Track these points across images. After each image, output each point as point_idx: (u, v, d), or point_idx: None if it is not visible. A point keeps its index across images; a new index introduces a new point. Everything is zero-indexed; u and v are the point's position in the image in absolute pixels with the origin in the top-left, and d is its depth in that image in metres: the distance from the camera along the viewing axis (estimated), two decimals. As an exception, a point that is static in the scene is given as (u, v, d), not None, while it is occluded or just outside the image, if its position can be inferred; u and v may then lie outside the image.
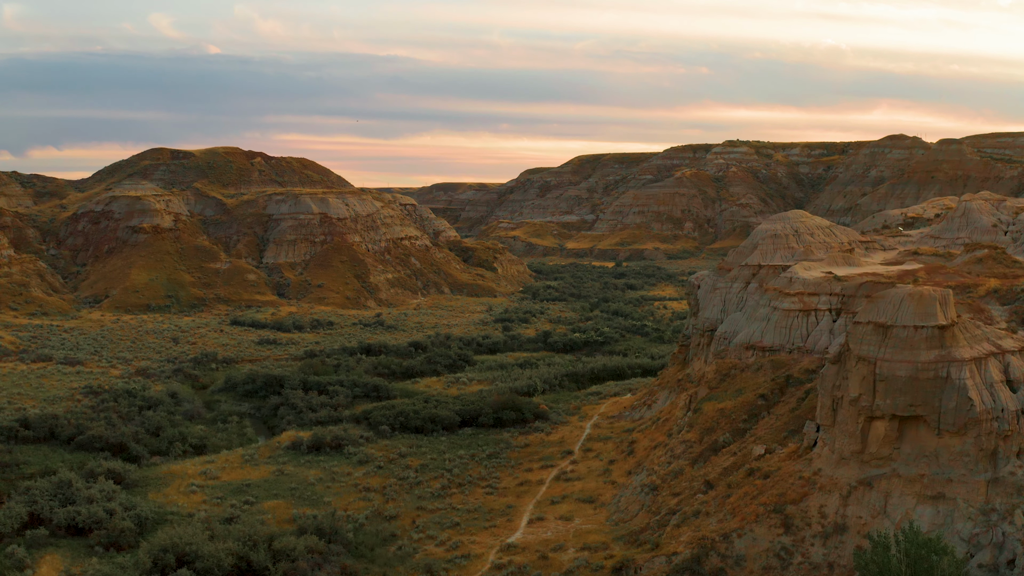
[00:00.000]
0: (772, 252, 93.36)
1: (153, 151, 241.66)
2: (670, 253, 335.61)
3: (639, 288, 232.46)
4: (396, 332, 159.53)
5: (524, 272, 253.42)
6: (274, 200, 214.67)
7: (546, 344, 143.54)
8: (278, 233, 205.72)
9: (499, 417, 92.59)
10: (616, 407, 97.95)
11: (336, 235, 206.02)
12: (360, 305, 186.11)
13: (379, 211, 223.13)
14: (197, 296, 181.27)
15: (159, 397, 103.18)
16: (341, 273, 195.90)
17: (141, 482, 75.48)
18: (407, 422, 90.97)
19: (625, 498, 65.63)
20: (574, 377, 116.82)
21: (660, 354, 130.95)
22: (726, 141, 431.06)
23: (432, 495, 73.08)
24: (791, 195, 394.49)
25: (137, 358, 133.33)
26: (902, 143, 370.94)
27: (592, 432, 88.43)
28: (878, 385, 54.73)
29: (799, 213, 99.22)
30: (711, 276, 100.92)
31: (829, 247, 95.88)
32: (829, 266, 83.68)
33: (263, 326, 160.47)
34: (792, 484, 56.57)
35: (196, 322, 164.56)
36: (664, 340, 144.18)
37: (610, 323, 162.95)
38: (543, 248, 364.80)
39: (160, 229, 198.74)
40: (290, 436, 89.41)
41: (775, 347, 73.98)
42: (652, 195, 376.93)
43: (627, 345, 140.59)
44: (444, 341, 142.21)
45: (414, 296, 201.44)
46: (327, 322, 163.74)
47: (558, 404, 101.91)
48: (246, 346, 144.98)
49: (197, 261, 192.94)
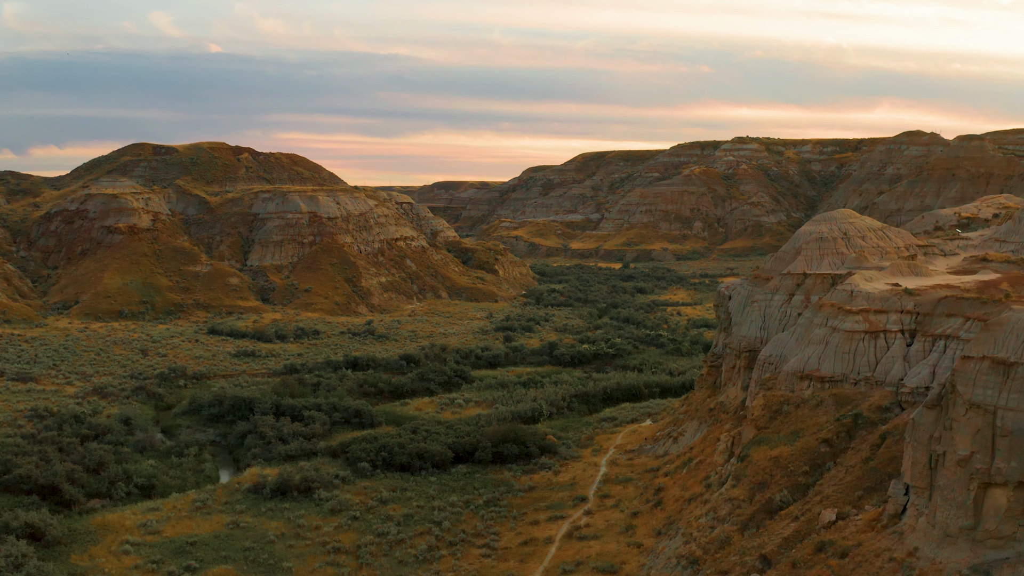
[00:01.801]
0: (819, 258, 79.84)
1: (135, 146, 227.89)
2: (679, 254, 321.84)
3: (649, 292, 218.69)
4: (387, 342, 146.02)
5: (527, 274, 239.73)
6: (260, 198, 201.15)
7: (552, 357, 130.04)
8: (264, 233, 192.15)
9: (499, 452, 79.10)
10: (635, 438, 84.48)
11: (326, 236, 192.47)
12: (350, 311, 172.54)
13: (372, 210, 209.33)
14: (174, 302, 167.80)
15: (109, 424, 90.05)
16: (330, 276, 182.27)
17: (66, 538, 62.83)
18: (391, 458, 77.57)
19: (656, 572, 52.12)
20: (584, 398, 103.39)
21: (680, 369, 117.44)
22: (735, 138, 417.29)
23: (417, 558, 59.83)
24: (803, 193, 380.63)
25: (98, 373, 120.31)
26: (919, 140, 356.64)
27: (609, 471, 74.97)
28: (998, 442, 41.94)
29: (846, 213, 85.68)
30: (745, 286, 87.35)
31: (884, 252, 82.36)
32: (893, 276, 70.14)
33: (243, 335, 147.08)
34: (881, 568, 43.36)
35: (171, 331, 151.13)
36: (682, 352, 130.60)
37: (621, 332, 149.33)
38: (546, 248, 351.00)
39: (137, 229, 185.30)
40: (253, 475, 76.30)
41: (836, 377, 60.45)
42: (660, 193, 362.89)
43: (641, 358, 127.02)
44: (439, 354, 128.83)
45: (409, 301, 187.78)
46: (313, 331, 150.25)
47: (567, 433, 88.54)
48: (221, 359, 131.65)
49: (176, 264, 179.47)
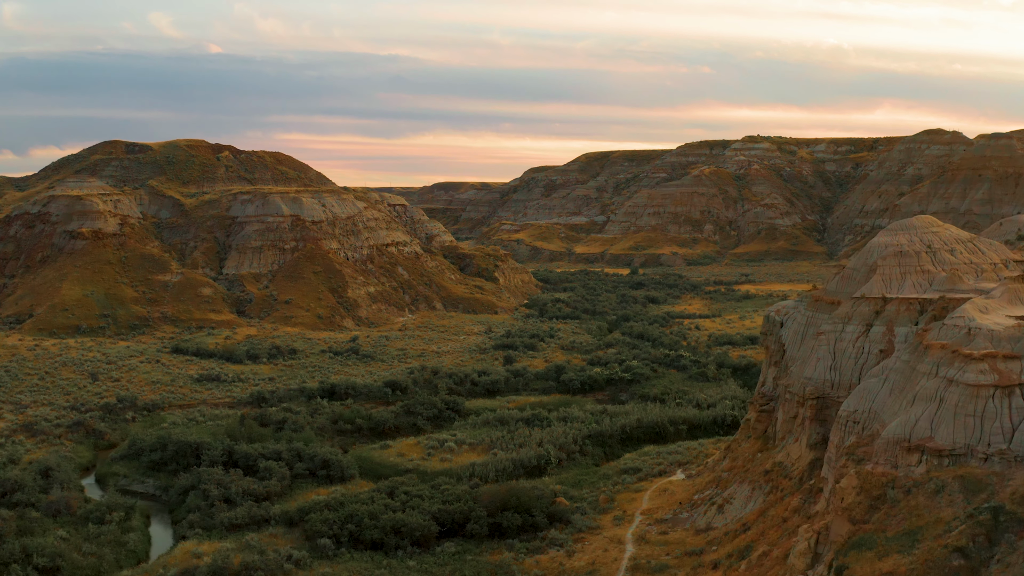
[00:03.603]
0: (900, 278, 63.44)
1: (106, 144, 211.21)
2: (689, 258, 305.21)
3: (661, 301, 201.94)
4: (372, 363, 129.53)
5: (529, 282, 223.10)
6: (239, 200, 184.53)
7: (559, 382, 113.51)
8: (242, 239, 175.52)
9: (497, 523, 62.66)
10: (667, 500, 68.01)
11: (309, 241, 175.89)
12: (334, 325, 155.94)
13: (361, 213, 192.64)
14: (139, 315, 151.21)
15: (21, 478, 73.59)
16: (313, 286, 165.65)
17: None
18: (360, 532, 61.16)
19: None
20: (600, 439, 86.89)
21: (708, 400, 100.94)
22: (746, 137, 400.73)
23: None
24: (818, 195, 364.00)
25: (37, 402, 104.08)
26: (941, 138, 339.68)
27: (638, 553, 58.49)
28: None
29: (928, 221, 69.11)
30: (802, 310, 70.88)
31: (980, 270, 65.94)
32: (1011, 305, 53.71)
33: (210, 355, 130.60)
34: None
35: (131, 349, 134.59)
36: (708, 377, 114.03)
37: (635, 350, 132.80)
38: (549, 252, 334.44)
39: (102, 234, 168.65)
40: (184, 555, 60.16)
41: (958, 450, 44.02)
42: (668, 195, 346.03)
43: (662, 385, 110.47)
44: (430, 379, 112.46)
45: (400, 313, 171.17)
46: (289, 349, 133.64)
47: (581, 489, 72.21)
48: (181, 384, 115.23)
49: (143, 272, 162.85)
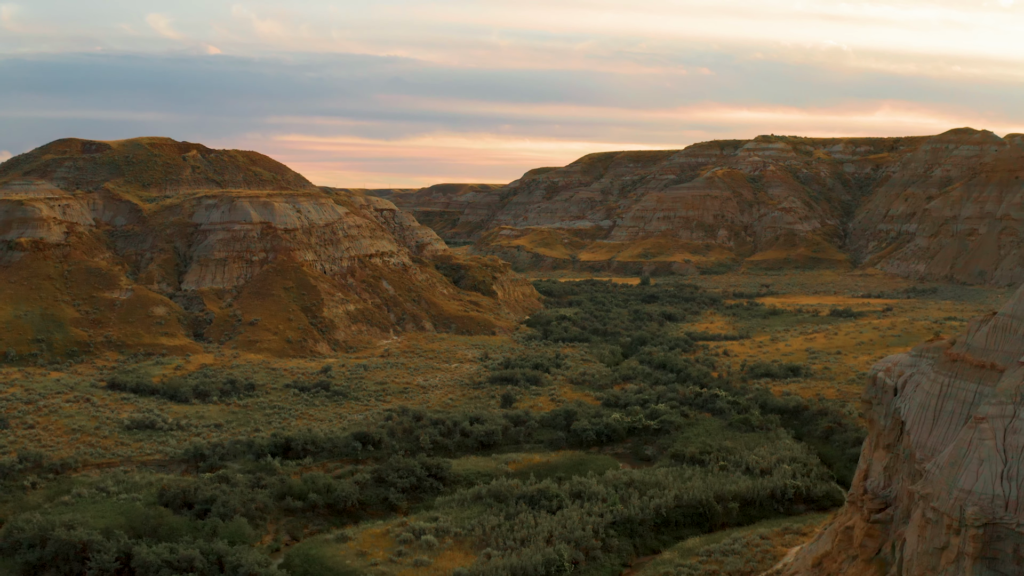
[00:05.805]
0: (1094, 334, 42.29)
1: (60, 142, 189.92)
2: (703, 266, 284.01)
3: (680, 319, 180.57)
4: (345, 402, 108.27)
5: (531, 295, 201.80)
6: (204, 205, 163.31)
7: (569, 433, 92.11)
8: (204, 249, 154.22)
9: None
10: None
11: (281, 252, 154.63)
12: (305, 351, 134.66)
13: (342, 219, 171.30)
14: (78, 339, 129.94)
15: None
16: (283, 305, 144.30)
17: None
18: None
19: None
20: (627, 527, 65.60)
21: (760, 463, 79.68)
22: (759, 136, 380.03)
23: None
24: (837, 198, 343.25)
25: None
26: (970, 138, 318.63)
27: None
28: None
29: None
30: (928, 372, 49.64)
31: None
32: None
33: (152, 391, 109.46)
34: None
35: (60, 383, 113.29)
36: (752, 426, 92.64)
37: (658, 386, 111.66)
38: (552, 260, 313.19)
39: (43, 245, 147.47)
40: None
41: None
42: (679, 198, 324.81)
43: (698, 436, 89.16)
44: (410, 428, 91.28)
45: (383, 335, 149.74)
46: (247, 384, 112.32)
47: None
48: (107, 432, 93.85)
49: (88, 289, 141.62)
